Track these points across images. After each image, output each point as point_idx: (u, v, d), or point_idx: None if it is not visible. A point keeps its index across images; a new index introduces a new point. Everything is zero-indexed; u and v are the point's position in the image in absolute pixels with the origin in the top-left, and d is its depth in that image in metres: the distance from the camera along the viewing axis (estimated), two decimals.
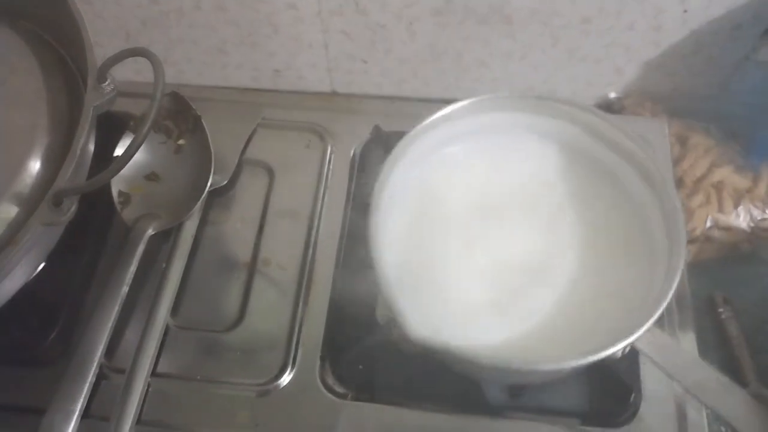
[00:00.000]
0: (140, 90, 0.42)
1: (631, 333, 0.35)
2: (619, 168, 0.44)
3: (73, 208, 0.35)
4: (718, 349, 0.48)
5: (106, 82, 0.37)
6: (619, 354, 0.37)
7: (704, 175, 0.53)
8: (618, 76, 0.57)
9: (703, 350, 0.46)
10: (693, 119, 0.57)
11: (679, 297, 0.48)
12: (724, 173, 0.53)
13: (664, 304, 0.36)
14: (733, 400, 0.35)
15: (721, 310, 0.49)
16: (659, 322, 0.45)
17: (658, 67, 0.56)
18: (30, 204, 0.36)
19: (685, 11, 0.50)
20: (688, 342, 0.46)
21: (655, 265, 0.40)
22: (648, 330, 0.35)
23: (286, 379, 0.45)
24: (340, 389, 0.45)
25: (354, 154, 0.56)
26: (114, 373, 0.46)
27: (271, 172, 0.55)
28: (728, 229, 0.51)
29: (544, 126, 0.46)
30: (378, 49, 0.57)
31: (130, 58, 0.39)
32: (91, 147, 0.40)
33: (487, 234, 0.43)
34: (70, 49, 0.42)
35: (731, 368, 0.47)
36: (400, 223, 0.43)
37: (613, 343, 0.34)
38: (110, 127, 0.50)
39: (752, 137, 0.57)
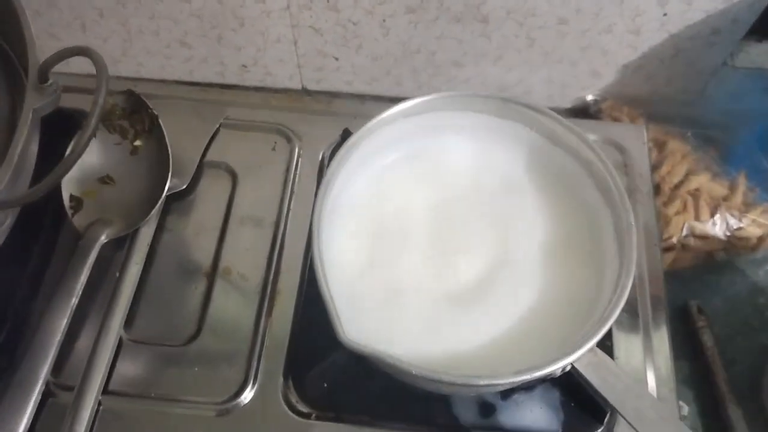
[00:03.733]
0: (90, 84, 0.38)
1: (570, 353, 0.34)
2: (578, 177, 0.44)
3: (9, 221, 0.32)
4: (692, 360, 0.48)
5: (48, 83, 0.34)
6: (558, 372, 0.36)
7: (681, 182, 0.52)
8: (595, 78, 0.57)
9: (677, 360, 0.46)
10: (671, 124, 0.57)
11: (654, 305, 0.47)
12: (701, 180, 0.52)
13: (606, 328, 0.35)
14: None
15: (695, 319, 0.49)
16: (630, 331, 0.46)
17: (635, 70, 0.55)
18: None
19: (665, 14, 0.49)
20: (662, 352, 0.46)
21: (603, 283, 0.39)
22: (590, 350, 0.34)
23: (246, 397, 0.43)
24: (303, 408, 0.43)
25: (323, 157, 0.54)
26: (61, 391, 0.43)
27: (233, 176, 0.53)
28: (704, 237, 0.51)
29: (503, 128, 0.45)
30: (349, 45, 0.55)
31: None
32: (34, 151, 0.37)
33: (438, 241, 0.42)
34: (14, 46, 0.39)
35: (704, 379, 0.47)
36: (349, 229, 0.42)
37: (550, 362, 0.34)
38: (66, 125, 0.48)
39: (729, 144, 0.56)
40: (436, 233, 0.42)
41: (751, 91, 0.56)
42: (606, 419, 0.42)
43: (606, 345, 0.44)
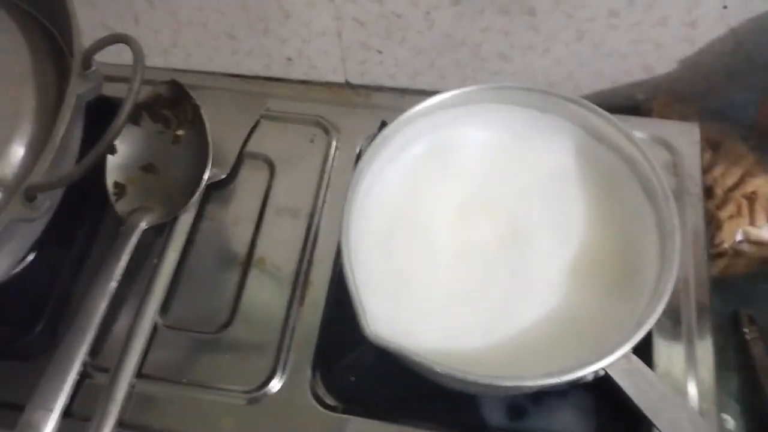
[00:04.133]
0: (150, 76, 0.41)
1: (602, 357, 0.33)
2: (622, 176, 0.42)
3: (48, 204, 0.33)
4: (741, 372, 0.45)
5: (92, 69, 0.35)
6: (590, 378, 0.34)
7: (736, 185, 0.49)
8: (647, 74, 0.54)
9: (725, 372, 0.44)
10: (727, 124, 0.54)
11: (699, 313, 0.45)
12: (759, 183, 0.49)
13: (642, 333, 0.33)
14: None
15: (745, 329, 0.46)
16: (672, 339, 0.44)
17: (691, 66, 0.53)
18: (10, 195, 0.35)
19: (725, 7, 0.47)
20: (706, 362, 0.44)
21: (642, 287, 0.37)
22: (624, 356, 0.33)
23: (274, 386, 0.44)
24: (330, 401, 0.43)
25: (360, 151, 0.53)
26: (98, 372, 0.45)
27: (272, 167, 0.53)
28: (760, 243, 0.48)
29: (544, 122, 0.44)
30: (393, 38, 0.55)
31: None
32: (78, 137, 0.38)
33: (470, 238, 0.41)
34: (62, 32, 0.41)
35: (753, 393, 0.44)
36: (379, 220, 0.41)
37: (580, 367, 0.32)
38: (112, 114, 0.49)
39: None
40: (469, 228, 0.41)
41: None
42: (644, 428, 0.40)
43: (646, 351, 0.42)
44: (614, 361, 0.32)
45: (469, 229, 0.41)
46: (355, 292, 0.34)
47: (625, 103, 0.57)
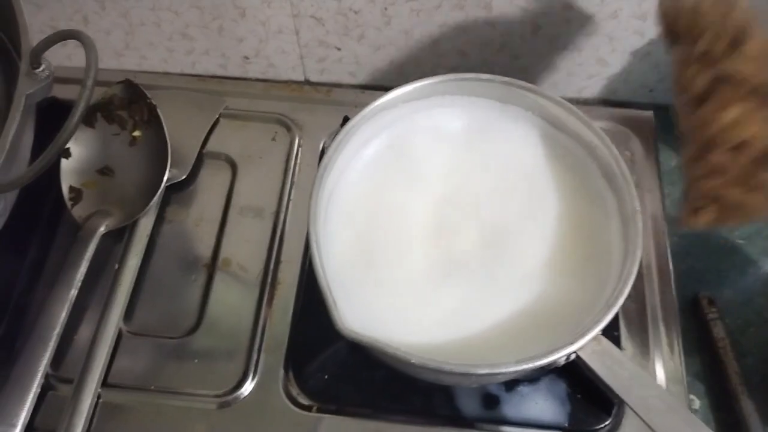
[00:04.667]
0: (104, 77, 0.39)
1: (573, 341, 0.33)
2: (583, 164, 0.43)
3: (0, 207, 0.31)
4: (704, 353, 0.47)
5: (41, 68, 0.34)
6: (562, 362, 0.35)
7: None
8: (601, 66, 0.55)
9: (688, 354, 0.45)
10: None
11: (663, 297, 0.46)
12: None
13: (610, 315, 0.34)
14: (677, 421, 0.33)
15: (706, 311, 0.48)
16: (638, 323, 0.45)
17: (642, 57, 0.54)
18: None
19: None
20: (672, 344, 0.45)
21: (609, 271, 0.38)
22: (594, 338, 0.33)
23: (246, 389, 0.43)
24: (304, 401, 0.42)
25: (323, 147, 0.53)
26: (61, 384, 0.43)
27: (233, 166, 0.52)
28: None
29: (506, 113, 0.44)
30: (351, 35, 0.54)
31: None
32: (29, 139, 0.37)
33: (439, 226, 0.41)
34: (8, 32, 0.39)
35: (716, 372, 0.46)
36: (347, 213, 0.41)
37: (553, 351, 0.33)
38: (64, 117, 0.47)
39: None
40: (436, 219, 0.41)
41: None
42: (614, 411, 0.41)
43: (613, 336, 0.43)
44: (585, 343, 0.32)
45: (438, 222, 0.41)
46: (326, 287, 0.34)
47: (578, 95, 0.58)
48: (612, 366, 0.34)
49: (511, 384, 0.42)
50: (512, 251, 0.40)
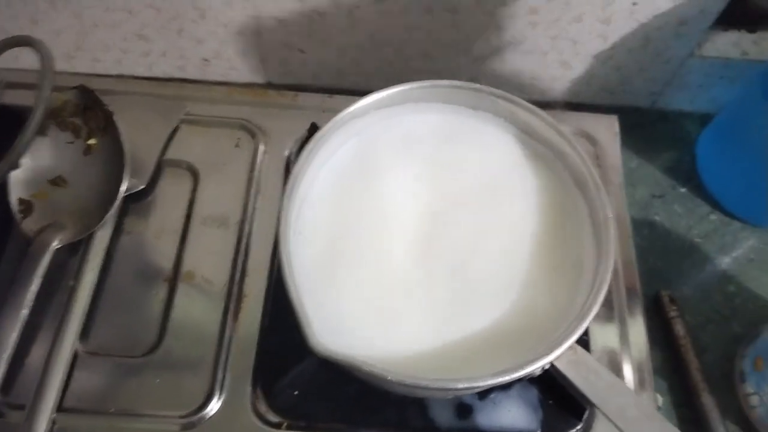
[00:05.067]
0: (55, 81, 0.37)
1: (549, 351, 0.33)
2: (553, 171, 0.43)
3: None
4: (665, 350, 0.48)
5: None
6: (538, 372, 0.35)
7: None
8: (565, 69, 0.56)
9: (651, 351, 0.45)
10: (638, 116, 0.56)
11: (629, 296, 0.47)
12: None
13: (585, 324, 0.34)
14: (654, 430, 0.34)
15: (668, 309, 0.49)
16: (606, 322, 0.45)
17: (605, 60, 0.55)
18: None
19: (634, 4, 0.49)
20: (639, 343, 0.45)
21: (582, 278, 0.38)
22: (570, 348, 0.33)
23: (213, 408, 0.41)
24: (273, 418, 0.41)
25: (289, 154, 0.52)
26: (12, 410, 0.41)
27: (195, 175, 0.51)
28: None
29: (477, 120, 0.44)
30: (315, 37, 0.53)
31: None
32: None
33: (412, 236, 0.40)
34: None
35: (677, 369, 0.46)
36: (316, 224, 0.40)
37: (529, 362, 0.33)
38: (15, 123, 0.45)
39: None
40: (408, 228, 0.41)
41: (719, 81, 0.56)
42: (585, 416, 0.41)
43: (582, 338, 0.43)
44: (561, 354, 0.32)
45: (410, 231, 0.40)
46: (298, 304, 0.33)
47: (541, 98, 0.59)
48: (588, 375, 0.34)
49: (484, 392, 0.41)
50: (484, 260, 0.39)
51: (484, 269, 0.39)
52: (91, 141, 0.47)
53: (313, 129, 0.51)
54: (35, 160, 0.46)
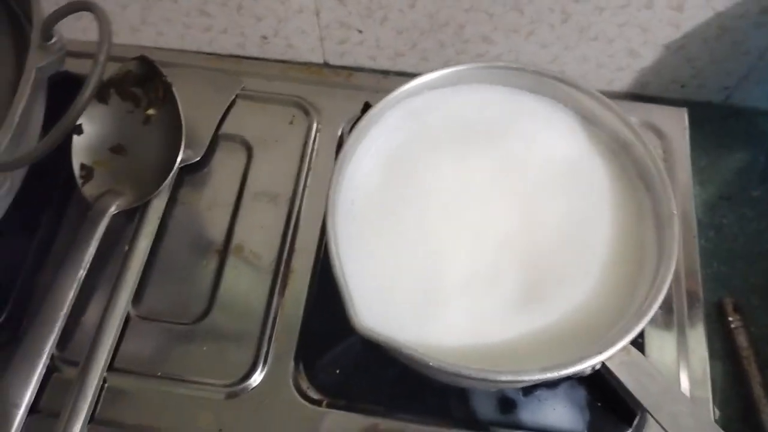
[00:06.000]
0: (119, 53, 0.39)
1: (601, 350, 0.32)
2: (616, 161, 0.41)
3: (8, 185, 0.30)
4: (726, 361, 0.45)
5: (53, 41, 0.32)
6: (588, 371, 0.33)
7: None
8: (632, 58, 0.53)
9: (710, 361, 0.43)
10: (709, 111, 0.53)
11: (690, 301, 0.45)
12: None
13: (642, 325, 0.32)
14: None
15: (730, 318, 0.46)
16: (664, 328, 0.43)
17: (676, 50, 0.52)
18: None
19: None
20: (698, 352, 0.43)
21: (641, 276, 0.36)
22: (623, 348, 0.32)
23: (255, 380, 0.42)
24: (314, 395, 0.41)
25: (342, 133, 0.52)
26: (66, 366, 0.42)
27: (249, 149, 0.51)
28: None
29: (537, 104, 0.43)
30: (374, 17, 0.53)
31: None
32: (39, 113, 0.36)
33: (465, 223, 0.39)
34: (21, 4, 0.37)
35: (738, 382, 0.44)
36: (366, 208, 0.39)
37: (579, 360, 0.31)
38: (77, 91, 0.46)
39: None
40: (464, 214, 0.40)
41: None
42: (635, 422, 0.40)
43: (638, 342, 0.41)
44: (613, 354, 0.31)
45: (466, 217, 0.39)
46: (342, 281, 0.33)
47: (607, 88, 0.56)
48: (641, 378, 0.32)
49: (530, 388, 0.40)
50: (539, 251, 0.38)
51: (539, 261, 0.38)
52: (150, 111, 0.48)
53: (366, 108, 0.50)
54: (97, 128, 0.47)
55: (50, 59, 0.33)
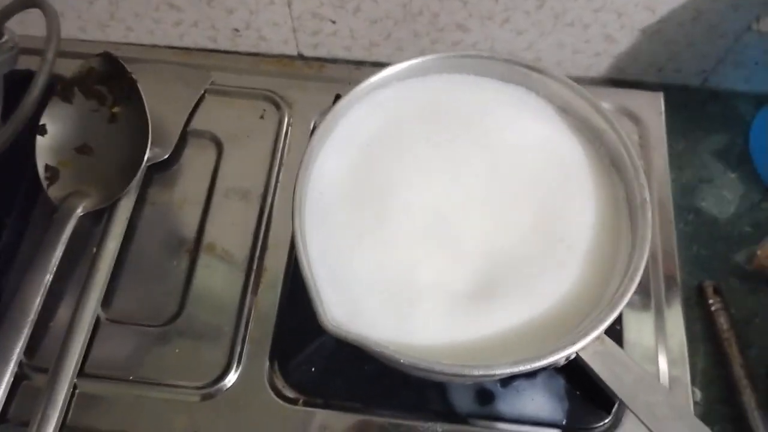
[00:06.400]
0: (88, 49, 0.36)
1: (574, 341, 0.31)
2: (587, 148, 0.40)
3: None
4: (707, 343, 0.45)
5: (3, 39, 0.31)
6: (562, 362, 0.33)
7: None
8: (608, 43, 0.53)
9: (690, 344, 0.44)
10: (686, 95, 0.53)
11: (668, 285, 0.45)
12: None
13: (615, 314, 0.32)
14: (685, 430, 0.32)
15: (711, 301, 0.46)
16: (641, 312, 0.43)
17: (652, 35, 0.51)
18: None
19: None
20: (676, 335, 0.43)
21: (614, 264, 0.36)
22: (597, 338, 0.32)
23: (230, 380, 0.41)
24: (290, 393, 0.41)
25: (314, 126, 0.50)
26: (35, 373, 0.42)
27: (219, 145, 0.50)
28: None
29: (507, 93, 0.42)
30: (346, 8, 0.52)
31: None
32: None
33: (438, 216, 0.39)
34: None
35: (719, 363, 0.44)
36: (334, 204, 0.38)
37: (552, 352, 0.31)
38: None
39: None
40: (436, 207, 0.39)
41: None
42: (614, 409, 0.40)
43: (615, 328, 0.41)
44: (587, 344, 0.30)
45: (436, 209, 0.39)
46: (310, 279, 0.32)
47: (584, 74, 0.56)
48: (615, 368, 0.32)
49: (507, 380, 0.40)
50: (512, 241, 0.38)
51: (513, 252, 0.37)
52: (116, 109, 0.47)
53: (338, 100, 0.50)
54: (61, 127, 0.46)
55: (2, 57, 0.31)
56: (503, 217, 0.38)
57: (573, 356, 0.32)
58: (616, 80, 0.56)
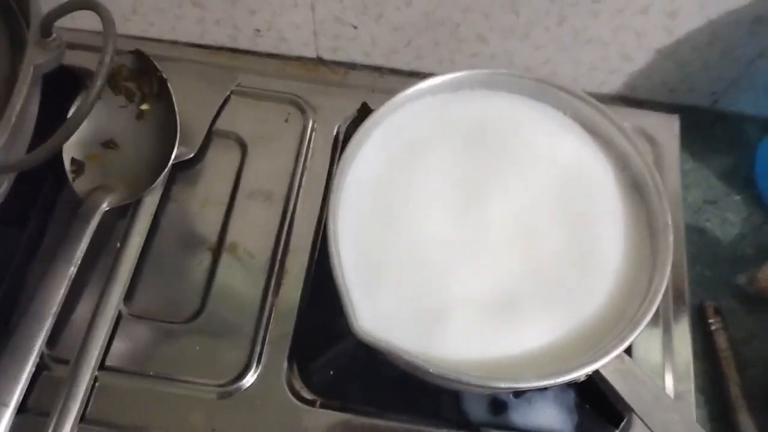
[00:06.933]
0: (97, 42, 0.36)
1: (597, 358, 0.32)
2: (612, 169, 0.41)
3: (5, 187, 0.29)
4: (705, 362, 0.46)
5: (51, 38, 0.32)
6: (582, 378, 0.34)
7: None
8: (625, 62, 0.54)
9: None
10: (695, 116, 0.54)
11: (676, 302, 0.46)
12: None
13: (636, 333, 0.33)
14: None
15: (711, 320, 0.47)
16: (650, 327, 0.44)
17: (668, 56, 0.52)
18: None
19: None
20: (683, 352, 0.44)
21: (635, 285, 0.37)
22: (618, 356, 0.33)
23: (248, 380, 0.42)
24: (307, 395, 0.42)
25: (338, 132, 0.51)
26: (56, 364, 0.42)
27: (243, 147, 0.50)
28: None
29: (537, 111, 0.43)
30: (370, 13, 0.52)
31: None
32: (34, 111, 0.35)
33: (465, 231, 0.39)
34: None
35: (717, 382, 0.45)
36: (366, 211, 0.39)
37: (576, 368, 0.32)
38: (69, 84, 0.45)
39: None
40: (468, 221, 0.39)
41: None
42: (622, 424, 0.41)
43: None
44: (608, 361, 0.32)
45: (464, 225, 0.39)
46: (342, 285, 0.33)
47: (597, 90, 0.57)
48: (634, 386, 0.33)
49: (521, 391, 0.41)
50: (541, 261, 0.38)
51: (540, 270, 0.38)
52: (144, 106, 0.48)
53: (364, 108, 0.50)
54: (89, 123, 0.45)
55: (48, 57, 0.32)
56: (535, 234, 0.39)
57: (592, 373, 0.33)
58: (628, 98, 0.57)
